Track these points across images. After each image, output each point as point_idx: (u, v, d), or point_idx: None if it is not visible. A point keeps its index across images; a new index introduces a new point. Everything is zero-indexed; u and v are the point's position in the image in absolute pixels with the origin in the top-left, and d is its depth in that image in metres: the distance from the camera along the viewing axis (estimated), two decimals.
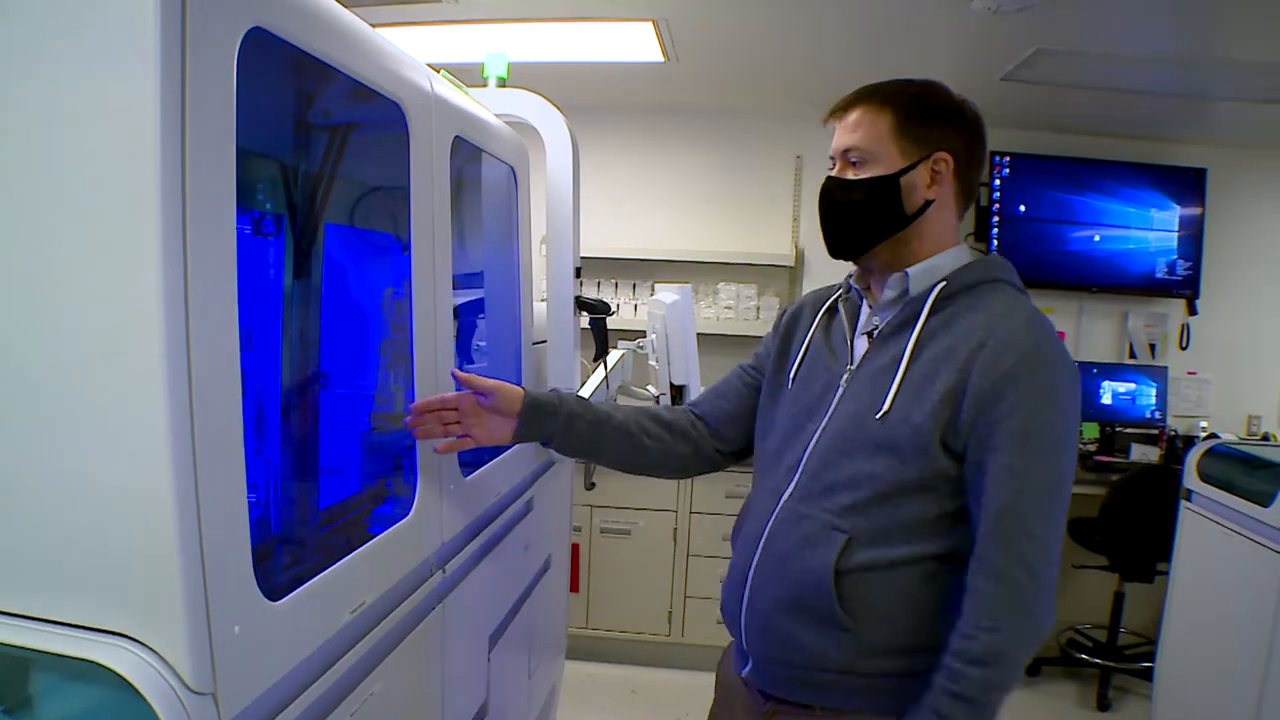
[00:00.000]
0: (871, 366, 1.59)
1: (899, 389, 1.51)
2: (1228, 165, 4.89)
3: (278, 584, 1.27)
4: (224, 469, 1.07)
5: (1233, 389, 5.05)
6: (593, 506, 4.40)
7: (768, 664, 1.63)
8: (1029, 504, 1.43)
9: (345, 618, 1.38)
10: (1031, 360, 1.45)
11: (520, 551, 2.45)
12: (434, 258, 1.72)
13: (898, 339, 1.57)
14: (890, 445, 1.50)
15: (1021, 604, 1.42)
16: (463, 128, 1.92)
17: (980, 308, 1.53)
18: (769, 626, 1.60)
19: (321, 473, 1.96)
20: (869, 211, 1.58)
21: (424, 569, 1.72)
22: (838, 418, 1.59)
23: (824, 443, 1.60)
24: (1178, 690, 3.27)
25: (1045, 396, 1.45)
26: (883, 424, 1.51)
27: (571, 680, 3.68)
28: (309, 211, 1.84)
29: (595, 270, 4.90)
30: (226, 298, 1.07)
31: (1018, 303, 1.55)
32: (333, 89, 1.69)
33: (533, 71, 3.14)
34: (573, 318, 2.41)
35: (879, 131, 1.57)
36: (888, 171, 1.56)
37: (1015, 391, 1.43)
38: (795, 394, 1.71)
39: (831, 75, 4.12)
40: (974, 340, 1.47)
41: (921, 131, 1.57)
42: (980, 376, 1.45)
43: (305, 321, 1.87)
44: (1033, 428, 1.43)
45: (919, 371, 1.51)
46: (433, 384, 1.74)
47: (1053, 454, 1.46)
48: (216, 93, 1.04)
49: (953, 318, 1.53)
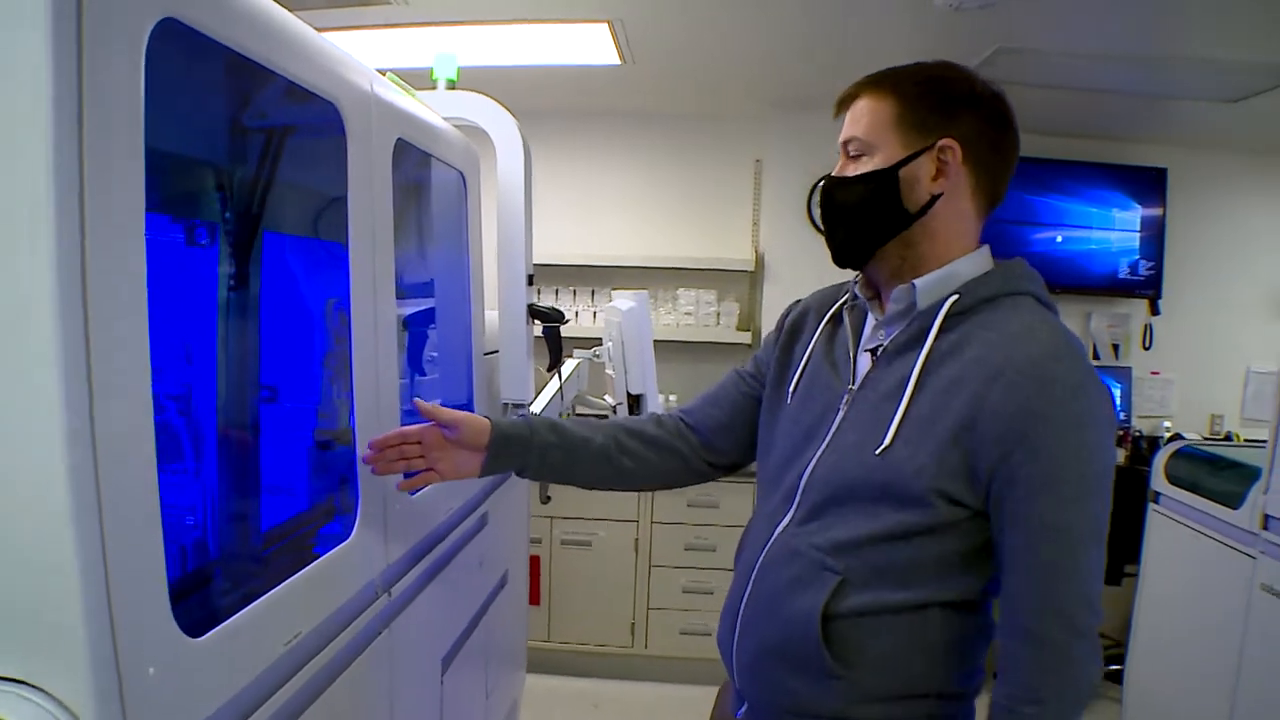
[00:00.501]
0: (874, 392, 1.42)
1: (902, 421, 1.35)
2: (1188, 165, 4.90)
3: (217, 611, 1.21)
4: (133, 494, 0.99)
5: (1195, 388, 5.05)
6: (552, 518, 4.33)
7: (762, 709, 1.51)
8: (1065, 558, 1.29)
9: (279, 650, 1.30)
10: (1057, 393, 1.27)
11: (474, 568, 2.37)
12: (374, 265, 1.64)
13: (903, 360, 1.40)
14: (889, 485, 1.35)
15: (1062, 665, 1.29)
16: (406, 130, 1.84)
17: (998, 326, 1.35)
18: (759, 669, 1.48)
19: (264, 492, 1.88)
20: (866, 211, 1.41)
21: (367, 593, 1.64)
22: (835, 446, 1.44)
23: (820, 472, 1.45)
24: (1148, 694, 3.25)
25: (1075, 434, 1.27)
26: (883, 460, 1.35)
27: (533, 694, 3.61)
28: (245, 219, 1.76)
29: (552, 278, 4.83)
30: (133, 309, 0.98)
31: (1043, 320, 1.37)
32: (267, 90, 1.61)
33: (487, 76, 3.07)
34: (525, 326, 2.33)
35: (880, 120, 1.40)
36: (886, 164, 1.39)
37: (1039, 431, 1.26)
38: (795, 412, 1.56)
39: (791, 76, 4.11)
40: (990, 368, 1.31)
41: (926, 117, 1.39)
42: (997, 414, 1.28)
43: (244, 334, 1.79)
44: (1064, 473, 1.27)
45: (926, 402, 1.35)
46: (374, 398, 1.66)
47: (1088, 499, 1.29)
48: (121, 88, 0.95)
49: (966, 338, 1.36)
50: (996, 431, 1.28)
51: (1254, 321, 5.01)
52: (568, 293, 4.85)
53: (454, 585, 2.18)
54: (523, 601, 3.21)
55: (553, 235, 4.73)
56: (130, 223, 0.97)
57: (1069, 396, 1.27)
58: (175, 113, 1.47)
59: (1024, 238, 4.79)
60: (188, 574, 1.66)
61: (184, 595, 1.56)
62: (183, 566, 1.68)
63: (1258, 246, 4.98)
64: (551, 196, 4.82)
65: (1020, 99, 4.16)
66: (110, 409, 0.93)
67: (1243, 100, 3.88)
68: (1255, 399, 5.00)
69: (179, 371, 1.71)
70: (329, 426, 1.99)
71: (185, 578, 1.64)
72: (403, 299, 2.25)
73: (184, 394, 1.71)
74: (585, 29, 3.47)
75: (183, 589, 1.58)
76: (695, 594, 4.26)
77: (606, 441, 1.70)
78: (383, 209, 1.69)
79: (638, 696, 4.24)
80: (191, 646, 1.08)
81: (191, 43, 1.12)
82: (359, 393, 1.60)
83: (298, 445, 2.00)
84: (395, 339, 1.75)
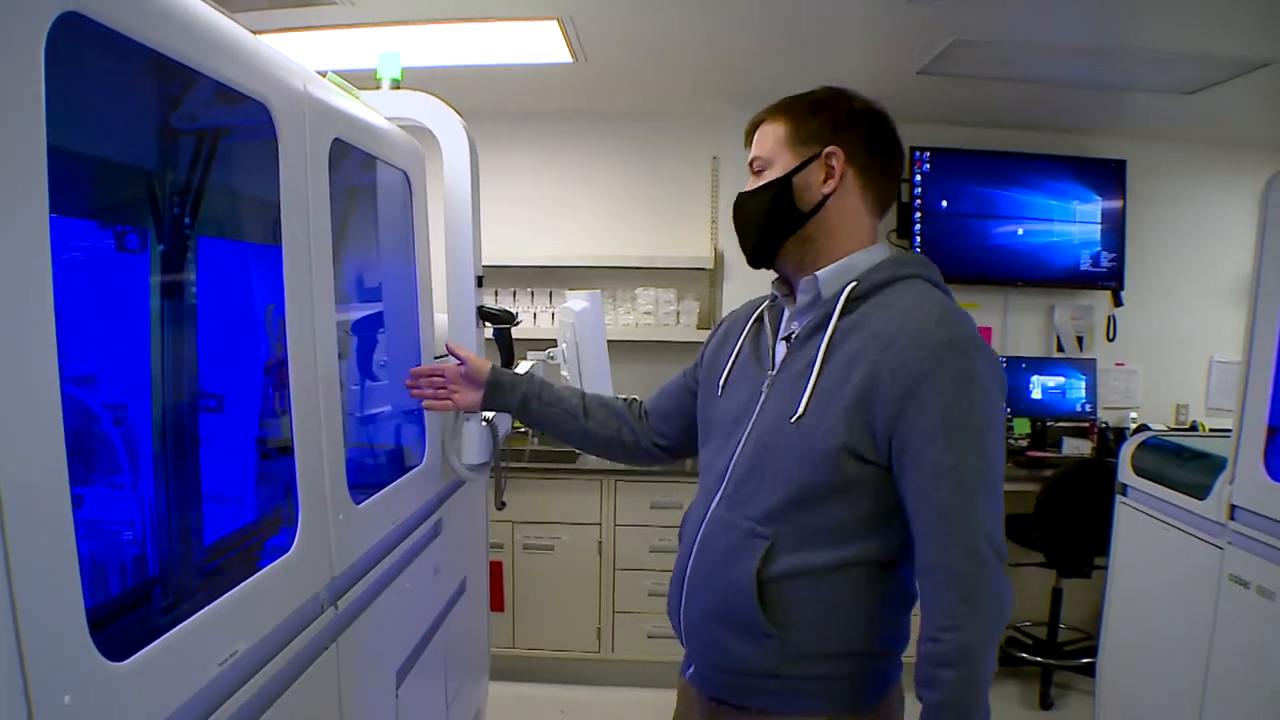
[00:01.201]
0: (789, 372, 1.59)
1: (812, 393, 1.52)
2: (1147, 157, 4.92)
3: (156, 630, 1.15)
4: (41, 508, 0.93)
5: (1160, 379, 5.07)
6: (514, 523, 4.27)
7: (705, 668, 1.67)
8: (963, 499, 1.43)
9: (213, 670, 1.25)
10: (944, 353, 1.44)
11: (429, 577, 2.32)
12: (311, 269, 1.59)
13: (811, 342, 1.57)
14: (804, 450, 1.51)
15: (974, 593, 1.42)
16: (344, 130, 1.79)
17: (892, 305, 1.53)
18: (701, 633, 1.64)
19: (207, 503, 1.83)
20: (768, 214, 1.62)
21: (312, 607, 1.59)
22: (760, 424, 1.60)
23: (748, 449, 1.61)
24: (1120, 686, 3.24)
25: (963, 386, 1.43)
26: (797, 429, 1.52)
27: (499, 702, 3.56)
28: (178, 224, 1.71)
29: (510, 280, 4.78)
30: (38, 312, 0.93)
31: (929, 296, 1.55)
32: (193, 91, 1.56)
33: (438, 77, 3.02)
34: (476, 329, 2.28)
35: (776, 139, 1.63)
36: (782, 174, 1.61)
37: (930, 387, 1.42)
38: (725, 402, 1.73)
39: (746, 72, 4.08)
40: (884, 339, 1.47)
41: (814, 132, 1.61)
42: (892, 376, 1.45)
43: (180, 341, 1.73)
44: (954, 421, 1.42)
45: (831, 375, 1.51)
46: (314, 405, 1.61)
47: (980, 444, 1.44)
48: (16, 85, 0.90)
49: (864, 318, 1.53)
50: (892, 391, 1.44)
51: (1216, 311, 5.01)
52: (525, 295, 4.80)
53: (408, 595, 2.14)
54: (484, 608, 3.16)
55: (509, 237, 4.69)
56: (32, 224, 0.92)
57: (954, 356, 1.44)
58: (95, 115, 1.43)
59: (985, 231, 4.79)
60: (127, 591, 1.61)
61: (121, 613, 1.51)
62: (122, 583, 1.63)
63: (1218, 237, 5.00)
64: (506, 198, 4.77)
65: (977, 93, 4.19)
66: (12, 415, 0.88)
67: (1200, 91, 3.90)
68: (1219, 388, 5.02)
69: (113, 380, 1.66)
70: (273, 435, 1.94)
71: (123, 595, 1.59)
72: (348, 304, 2.20)
73: (120, 404, 1.66)
74: (535, 26, 3.42)
75: (120, 607, 1.54)
76: (661, 597, 4.14)
77: (578, 403, 2.04)
78: (319, 211, 1.64)
79: (605, 702, 4.20)
80: (113, 672, 1.03)
81: (105, 40, 1.07)
82: (296, 400, 1.55)
83: (241, 455, 1.95)
84: (334, 344, 1.70)
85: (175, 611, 1.46)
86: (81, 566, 1.58)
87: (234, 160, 1.74)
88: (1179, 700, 2.74)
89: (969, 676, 1.41)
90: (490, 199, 2.56)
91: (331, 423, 1.68)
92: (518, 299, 4.80)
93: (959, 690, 1.41)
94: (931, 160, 4.74)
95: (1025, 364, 4.84)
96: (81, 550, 1.58)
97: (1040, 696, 4.29)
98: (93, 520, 1.61)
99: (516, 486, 4.06)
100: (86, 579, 1.57)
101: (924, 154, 4.73)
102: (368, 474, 2.15)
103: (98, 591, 1.57)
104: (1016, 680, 4.51)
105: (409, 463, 2.28)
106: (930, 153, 4.74)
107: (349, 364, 2.21)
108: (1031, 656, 4.42)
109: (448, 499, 2.46)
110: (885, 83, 4.00)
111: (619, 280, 4.82)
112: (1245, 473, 2.50)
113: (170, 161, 1.67)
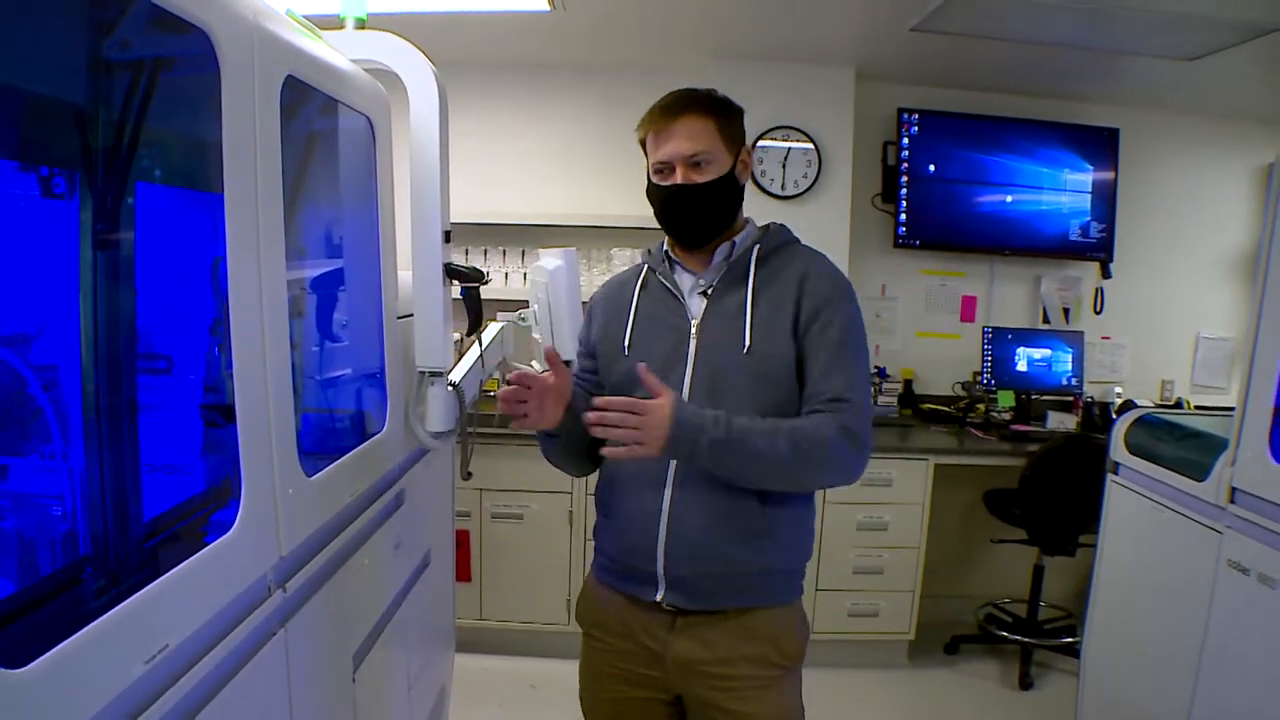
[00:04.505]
0: (719, 317, 1.92)
1: (753, 327, 1.88)
2: (1140, 126, 4.83)
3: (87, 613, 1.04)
4: None
5: (1146, 354, 5.01)
6: (482, 490, 4.15)
7: (700, 579, 1.88)
8: (843, 361, 1.85)
9: (138, 669, 1.11)
10: (838, 286, 1.92)
11: (390, 552, 2.19)
12: (258, 218, 1.44)
13: (735, 291, 1.93)
14: (763, 374, 1.86)
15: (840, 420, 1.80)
16: (298, 68, 1.63)
17: (796, 257, 1.97)
18: (701, 546, 1.86)
19: (146, 475, 1.67)
20: (722, 206, 1.93)
21: (257, 591, 1.45)
22: (705, 360, 1.90)
23: (701, 381, 1.89)
24: (1106, 669, 3.14)
25: (849, 306, 1.91)
26: (750, 357, 1.86)
27: (465, 676, 3.45)
28: (112, 167, 1.54)
29: (479, 238, 4.63)
30: None
31: (814, 254, 2.00)
32: (126, 17, 1.39)
33: (408, 23, 2.84)
34: (442, 288, 2.13)
35: (710, 136, 1.89)
36: (724, 170, 1.91)
37: (833, 305, 1.88)
38: (640, 355, 1.94)
39: (731, 25, 3.92)
40: (799, 276, 1.91)
41: (733, 130, 1.94)
42: (809, 299, 1.88)
43: (115, 297, 1.57)
44: (844, 322, 1.88)
45: (764, 311, 1.89)
46: (258, 368, 1.46)
47: (855, 339, 1.89)
48: None
49: (778, 270, 1.94)
50: (811, 307, 1.88)
51: (1205, 286, 4.97)
52: (497, 254, 4.64)
53: (366, 573, 2.00)
54: (449, 581, 3.02)
55: (480, 195, 4.55)
56: None
57: (844, 289, 1.93)
58: (13, 41, 1.26)
59: (973, 197, 4.69)
60: (56, 571, 1.46)
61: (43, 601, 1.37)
62: (53, 562, 1.48)
63: (1210, 211, 4.94)
64: (481, 153, 4.62)
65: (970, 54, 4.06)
66: None
67: (1200, 58, 3.78)
68: (1205, 365, 4.97)
69: (42, 340, 1.50)
70: (219, 400, 1.78)
71: (50, 577, 1.44)
72: (305, 259, 2.04)
73: (50, 364, 1.50)
74: None
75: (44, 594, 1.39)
76: None
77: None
78: (269, 154, 1.49)
79: (575, 675, 4.07)
80: (15, 680, 0.88)
81: None
82: (239, 364, 1.40)
83: (184, 422, 1.79)
84: (284, 301, 1.55)
85: (106, 596, 1.32)
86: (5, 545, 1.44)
87: (174, 97, 1.57)
88: (1169, 687, 2.65)
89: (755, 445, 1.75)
90: (460, 153, 2.41)
91: (280, 386, 1.53)
92: (489, 258, 4.64)
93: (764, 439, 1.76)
94: (920, 123, 4.62)
95: (1011, 335, 4.74)
96: (5, 527, 1.45)
97: (1020, 676, 4.22)
98: (18, 494, 1.46)
99: (485, 453, 3.93)
100: (11, 559, 1.44)
101: (912, 116, 4.61)
102: (324, 441, 2.01)
103: (24, 573, 1.43)
104: (996, 659, 4.45)
105: (370, 430, 2.13)
106: (919, 115, 4.62)
107: (305, 323, 2.05)
108: (1011, 635, 4.35)
109: (410, 468, 2.32)
110: (876, 39, 3.88)
111: (594, 240, 4.67)
112: (1248, 455, 2.39)
113: (103, 97, 1.50)
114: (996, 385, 4.70)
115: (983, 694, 4.16)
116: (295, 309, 1.77)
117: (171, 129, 1.66)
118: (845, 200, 4.48)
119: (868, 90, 4.52)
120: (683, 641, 1.91)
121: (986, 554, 4.82)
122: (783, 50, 4.13)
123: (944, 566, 4.71)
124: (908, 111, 4.60)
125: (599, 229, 4.67)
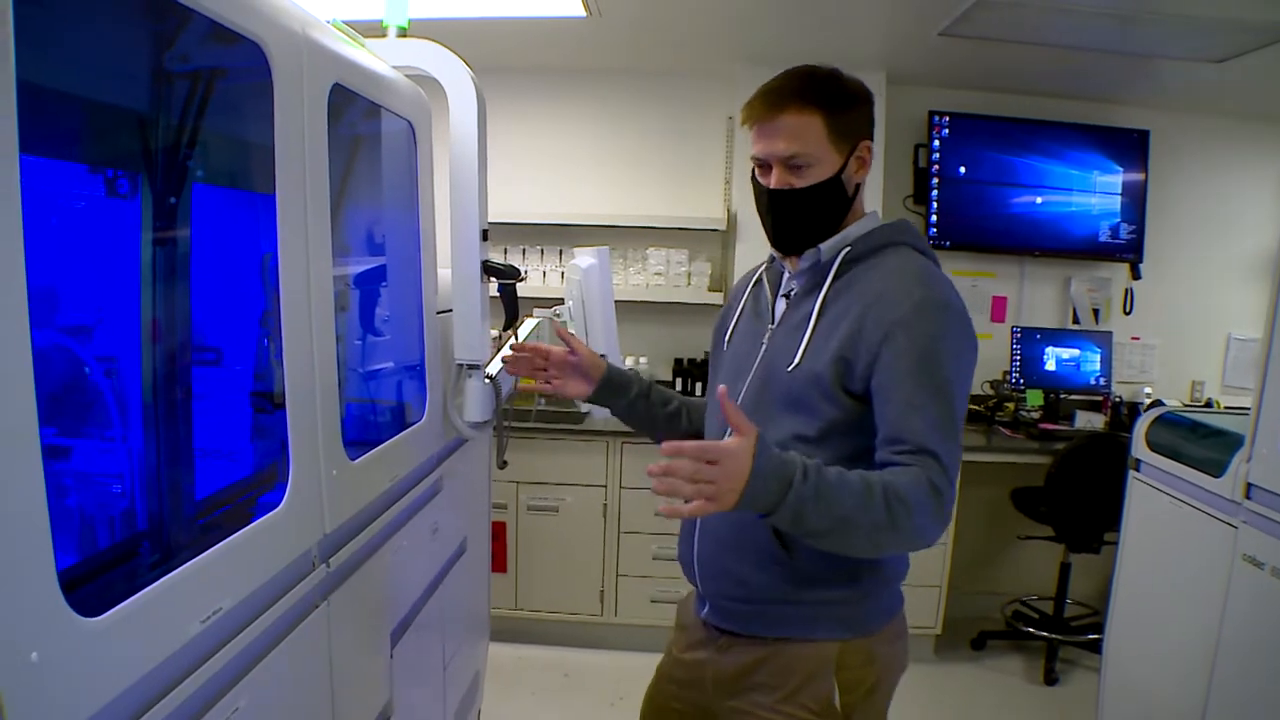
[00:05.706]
0: (787, 325, 1.76)
1: (808, 344, 1.68)
2: (1170, 128, 4.84)
3: (136, 586, 1.11)
4: (9, 462, 0.88)
5: (1176, 354, 5.02)
6: (518, 483, 4.25)
7: (721, 600, 1.80)
8: (930, 431, 1.54)
9: (194, 628, 1.21)
10: (920, 308, 1.60)
11: (427, 536, 2.29)
12: (307, 218, 1.54)
13: (809, 299, 1.73)
14: (798, 395, 1.67)
15: (922, 473, 1.51)
16: (344, 76, 1.73)
17: (879, 268, 1.69)
18: (716, 566, 1.79)
19: (199, 458, 1.79)
20: (823, 213, 1.73)
21: (302, 564, 1.55)
22: (759, 372, 1.77)
23: (750, 396, 1.77)
24: (1126, 663, 3.19)
25: (932, 342, 1.58)
26: (791, 376, 1.69)
27: (500, 664, 3.55)
28: (171, 170, 1.65)
29: (519, 237, 4.74)
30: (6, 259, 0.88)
31: (912, 260, 1.70)
32: (186, 31, 1.50)
33: (450, 29, 2.93)
34: (480, 284, 2.23)
35: (814, 134, 1.66)
36: (830, 173, 1.68)
37: (905, 335, 1.57)
38: (730, 356, 1.90)
39: (765, 31, 3.99)
40: (870, 296, 1.64)
41: (847, 124, 1.69)
42: (874, 325, 1.60)
43: (172, 291, 1.68)
44: (919, 365, 1.57)
45: (825, 327, 1.67)
46: (307, 359, 1.56)
47: (943, 377, 1.57)
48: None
49: (855, 280, 1.70)
50: (874, 337, 1.60)
51: (1235, 287, 4.96)
52: (535, 253, 4.74)
53: (404, 554, 2.10)
54: (485, 570, 3.13)
55: (517, 195, 4.65)
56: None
57: (928, 311, 1.60)
58: (81, 54, 1.37)
59: (1003, 199, 4.72)
60: (113, 545, 1.57)
61: (102, 570, 1.48)
62: (111, 537, 1.59)
63: (1240, 212, 4.93)
64: (519, 154, 4.72)
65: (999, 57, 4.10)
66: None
67: (1230, 60, 3.80)
68: (1236, 366, 4.96)
69: (105, 331, 1.61)
70: (267, 388, 1.89)
71: (109, 549, 1.55)
72: (349, 256, 2.15)
73: (111, 355, 1.62)
74: None
75: (102, 563, 1.50)
76: (665, 560, 4.20)
77: (678, 408, 2.14)
78: (317, 157, 1.59)
79: (607, 665, 4.19)
80: (85, 628, 0.99)
81: None
82: (289, 353, 1.50)
83: (235, 408, 1.90)
84: (330, 295, 1.65)
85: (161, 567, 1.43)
86: (69, 519, 1.55)
87: (230, 104, 1.68)
88: (1186, 680, 2.69)
89: (844, 511, 1.45)
90: (498, 155, 2.51)
91: (326, 375, 1.63)
92: (526, 257, 4.75)
93: (824, 502, 1.43)
94: (950, 125, 4.66)
95: (1040, 335, 4.78)
96: (69, 503, 1.56)
97: (1045, 672, 4.26)
98: (81, 472, 1.57)
99: (522, 447, 4.03)
100: (74, 532, 1.55)
101: (943, 118, 4.66)
102: (366, 430, 2.11)
103: (85, 545, 1.54)
104: (1021, 654, 4.49)
105: (409, 419, 2.23)
106: (949, 117, 4.66)
107: (349, 318, 2.16)
108: (1038, 631, 4.39)
109: (448, 457, 2.41)
110: (905, 43, 3.93)
111: (630, 240, 4.77)
112: (1264, 451, 2.44)
113: (163, 104, 1.61)
114: (1025, 384, 4.74)
115: (1008, 689, 4.20)
116: (340, 304, 1.87)
117: (226, 134, 1.78)
118: (877, 202, 4.50)
119: (899, 93, 4.55)
120: (721, 662, 1.81)
121: (1014, 551, 4.87)
122: (813, 55, 4.15)
123: (971, 563, 4.77)
124: (939, 114, 4.66)
125: (634, 229, 4.76)
